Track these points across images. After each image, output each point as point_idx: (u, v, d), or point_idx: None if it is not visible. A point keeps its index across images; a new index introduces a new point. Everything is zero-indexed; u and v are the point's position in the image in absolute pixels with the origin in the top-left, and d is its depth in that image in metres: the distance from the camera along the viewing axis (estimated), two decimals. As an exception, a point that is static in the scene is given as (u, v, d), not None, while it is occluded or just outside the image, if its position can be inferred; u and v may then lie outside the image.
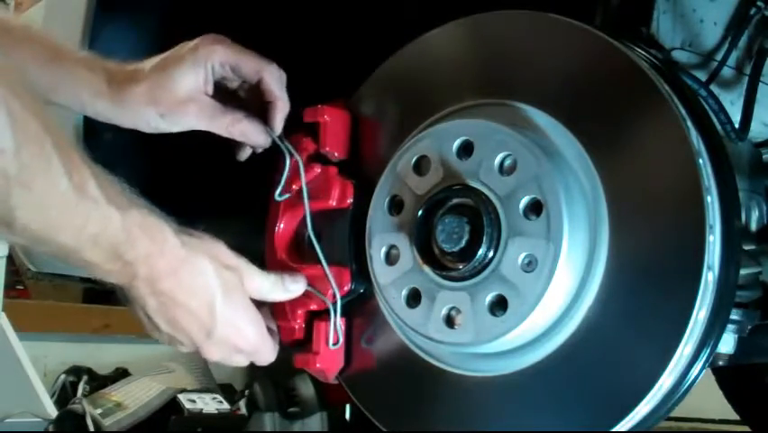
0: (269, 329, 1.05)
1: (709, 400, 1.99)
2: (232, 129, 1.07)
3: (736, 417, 2.16)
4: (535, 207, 0.92)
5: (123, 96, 1.05)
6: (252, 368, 3.66)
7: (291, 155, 1.08)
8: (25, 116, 0.77)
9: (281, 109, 1.07)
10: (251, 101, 1.09)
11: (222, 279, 0.96)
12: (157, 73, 1.05)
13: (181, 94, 1.04)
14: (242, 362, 1.03)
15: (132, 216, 0.88)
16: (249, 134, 1.08)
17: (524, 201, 0.92)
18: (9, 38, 1.04)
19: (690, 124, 0.89)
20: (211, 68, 1.05)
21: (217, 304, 0.96)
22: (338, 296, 1.06)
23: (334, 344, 1.06)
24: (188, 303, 0.95)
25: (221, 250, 0.98)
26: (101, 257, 0.88)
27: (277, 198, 1.10)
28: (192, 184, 1.31)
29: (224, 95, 1.08)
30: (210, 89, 1.06)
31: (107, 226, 0.86)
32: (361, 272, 1.05)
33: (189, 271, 0.94)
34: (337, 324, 1.06)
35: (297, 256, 1.10)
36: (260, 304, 1.03)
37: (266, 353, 1.04)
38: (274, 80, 1.06)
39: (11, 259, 2.63)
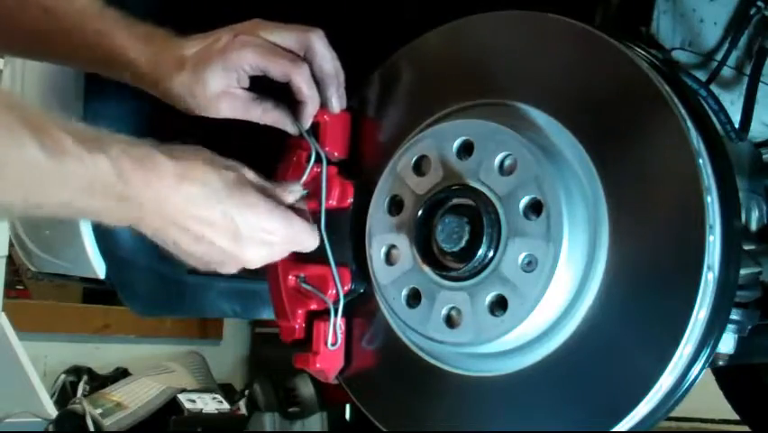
0: (296, 210, 1.04)
1: (709, 400, 1.99)
2: (264, 117, 1.08)
3: (736, 417, 2.16)
4: (535, 207, 0.92)
5: (169, 82, 1.06)
6: (252, 368, 3.67)
7: (318, 152, 1.08)
8: None
9: (310, 107, 1.07)
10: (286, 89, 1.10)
11: (225, 179, 0.96)
12: (192, 68, 1.05)
13: (214, 91, 1.05)
14: (286, 253, 1.02)
15: (117, 153, 0.88)
16: (280, 123, 1.09)
17: (524, 201, 0.92)
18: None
19: (690, 124, 0.89)
20: (241, 70, 1.05)
21: (228, 204, 0.95)
22: (341, 295, 1.06)
23: (333, 344, 1.06)
24: (201, 214, 0.94)
25: (212, 154, 0.98)
26: (102, 204, 0.88)
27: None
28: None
29: (261, 82, 1.09)
30: (244, 84, 1.07)
31: (96, 174, 0.87)
32: (361, 272, 1.05)
33: (191, 182, 0.94)
34: (337, 325, 1.06)
35: (299, 254, 1.10)
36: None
37: (302, 236, 1.03)
38: (303, 81, 1.05)
39: (11, 259, 2.63)
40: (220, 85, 1.05)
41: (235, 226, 0.96)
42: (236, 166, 1.00)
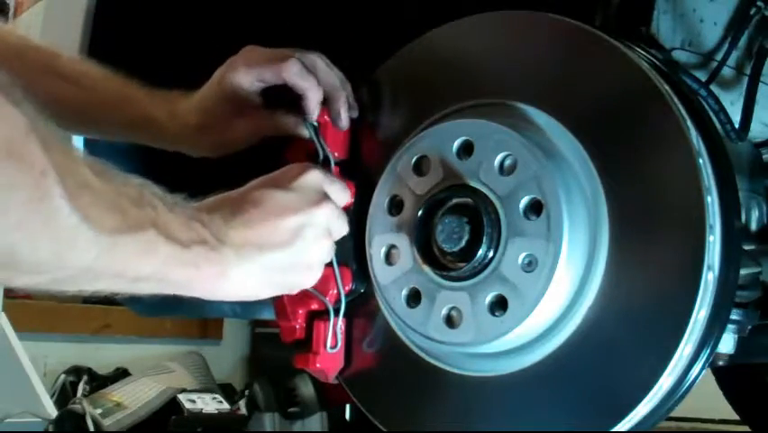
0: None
1: (709, 400, 1.99)
2: (273, 126, 1.09)
3: (736, 417, 2.16)
4: (535, 207, 0.92)
5: (185, 123, 1.10)
6: (252, 368, 3.66)
7: (324, 153, 1.08)
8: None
9: (312, 98, 1.06)
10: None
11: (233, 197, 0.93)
12: (203, 107, 1.09)
13: (226, 118, 1.08)
14: (343, 229, 1.00)
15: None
16: (290, 128, 1.09)
17: (524, 201, 0.92)
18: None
19: (690, 124, 0.89)
20: (241, 90, 1.06)
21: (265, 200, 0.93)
22: (343, 296, 1.06)
23: (333, 347, 1.06)
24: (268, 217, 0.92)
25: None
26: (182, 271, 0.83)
27: None
28: (192, 181, 1.31)
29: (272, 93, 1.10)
30: (253, 102, 1.08)
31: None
32: (362, 272, 1.05)
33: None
34: (338, 327, 1.06)
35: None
36: None
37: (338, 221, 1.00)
38: (294, 76, 1.05)
39: (11, 259, 2.62)
40: (228, 109, 1.07)
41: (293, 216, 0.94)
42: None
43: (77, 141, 1.23)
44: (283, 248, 0.92)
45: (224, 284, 0.88)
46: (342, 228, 1.00)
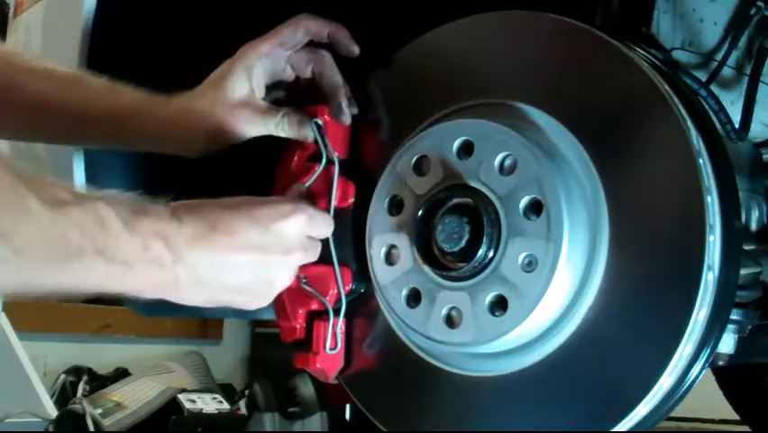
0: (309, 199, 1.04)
1: (709, 400, 1.99)
2: (281, 125, 1.08)
3: (736, 417, 2.16)
4: (535, 207, 0.92)
5: (191, 108, 1.08)
6: (252, 368, 3.66)
7: (328, 154, 1.08)
8: None
9: (343, 95, 1.08)
10: (304, 94, 1.11)
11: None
12: (213, 85, 1.08)
13: (237, 98, 1.07)
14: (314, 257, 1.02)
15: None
16: (298, 130, 1.08)
17: (524, 201, 0.92)
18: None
19: (690, 124, 0.89)
20: (261, 70, 1.06)
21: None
22: (343, 296, 1.06)
23: (332, 349, 1.06)
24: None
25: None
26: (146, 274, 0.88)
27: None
28: (191, 182, 1.31)
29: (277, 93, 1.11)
30: (261, 94, 1.08)
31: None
32: (362, 272, 1.05)
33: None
34: (337, 327, 1.06)
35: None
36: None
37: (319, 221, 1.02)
38: (328, 68, 1.08)
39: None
40: (243, 89, 1.06)
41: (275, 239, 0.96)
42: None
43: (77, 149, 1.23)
44: (240, 278, 0.94)
45: (171, 295, 0.92)
46: (313, 257, 1.02)
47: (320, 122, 1.07)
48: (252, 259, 0.94)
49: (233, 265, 0.93)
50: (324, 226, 1.02)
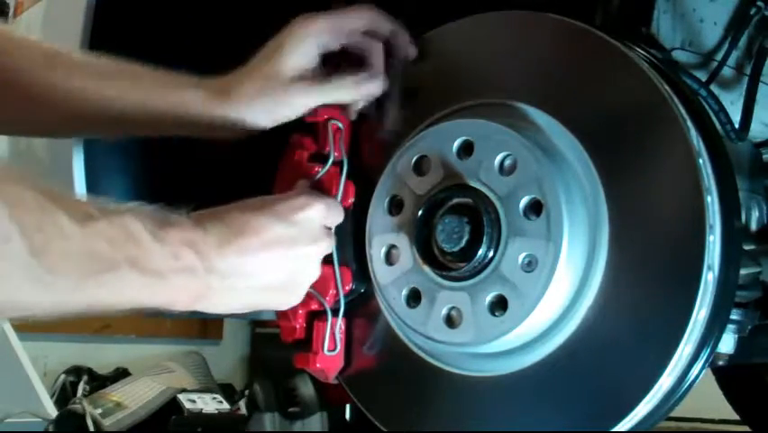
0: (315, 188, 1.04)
1: (709, 400, 1.99)
2: (339, 90, 1.06)
3: (736, 417, 2.16)
4: (535, 207, 0.92)
5: (233, 95, 1.05)
6: (252, 368, 3.66)
7: (338, 155, 1.08)
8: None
9: (406, 46, 1.08)
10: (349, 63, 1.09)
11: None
12: (265, 59, 1.05)
13: (295, 69, 1.04)
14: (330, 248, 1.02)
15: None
16: (357, 90, 1.06)
17: (524, 201, 0.92)
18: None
19: (690, 124, 0.89)
20: (315, 44, 1.05)
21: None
22: (342, 297, 1.06)
23: (331, 350, 1.06)
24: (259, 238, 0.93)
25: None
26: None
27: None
28: (194, 182, 1.31)
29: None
30: (314, 63, 1.06)
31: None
32: (362, 272, 1.05)
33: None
34: (337, 328, 1.06)
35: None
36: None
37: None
38: (378, 61, 1.07)
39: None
40: (301, 61, 1.04)
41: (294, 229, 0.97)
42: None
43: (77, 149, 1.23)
44: (273, 276, 0.95)
45: (205, 305, 0.92)
46: (329, 249, 1.03)
47: (341, 124, 1.07)
48: (282, 254, 0.95)
49: (265, 264, 0.94)
50: (338, 214, 1.03)
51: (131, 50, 1.22)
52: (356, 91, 1.07)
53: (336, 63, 1.08)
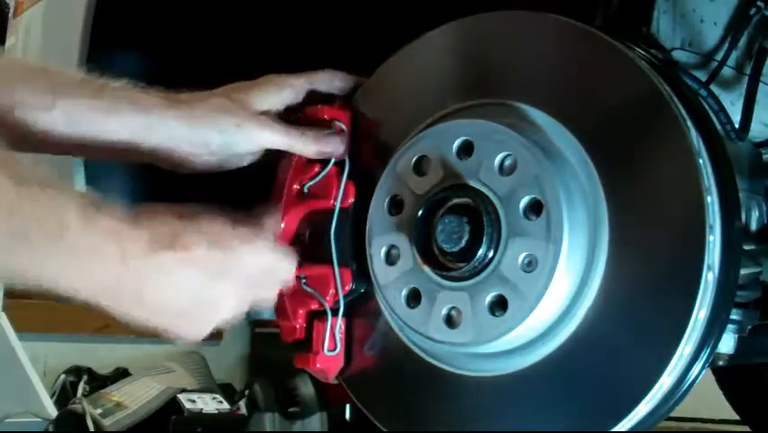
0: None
1: (709, 400, 1.99)
2: (304, 140, 1.07)
3: (736, 417, 2.16)
4: (535, 207, 0.92)
5: (195, 108, 1.05)
6: (252, 368, 3.65)
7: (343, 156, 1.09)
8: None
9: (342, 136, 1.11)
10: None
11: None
12: (239, 89, 1.07)
13: (259, 108, 1.06)
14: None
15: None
16: (320, 145, 1.08)
17: (524, 201, 0.92)
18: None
19: (690, 124, 0.89)
20: (285, 97, 1.08)
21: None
22: (341, 297, 1.06)
23: (331, 351, 1.06)
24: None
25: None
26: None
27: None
28: (194, 181, 1.31)
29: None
30: (281, 109, 1.09)
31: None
32: (362, 272, 1.05)
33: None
34: (336, 328, 1.06)
35: (298, 255, 1.10)
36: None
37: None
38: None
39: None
40: (272, 99, 1.07)
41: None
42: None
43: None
44: (181, 300, 0.94)
45: (112, 303, 0.91)
46: (270, 296, 1.03)
47: (344, 126, 1.07)
48: (199, 281, 0.93)
49: (179, 282, 0.92)
50: (288, 272, 1.03)
51: (130, 51, 1.22)
52: (316, 146, 1.07)
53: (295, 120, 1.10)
